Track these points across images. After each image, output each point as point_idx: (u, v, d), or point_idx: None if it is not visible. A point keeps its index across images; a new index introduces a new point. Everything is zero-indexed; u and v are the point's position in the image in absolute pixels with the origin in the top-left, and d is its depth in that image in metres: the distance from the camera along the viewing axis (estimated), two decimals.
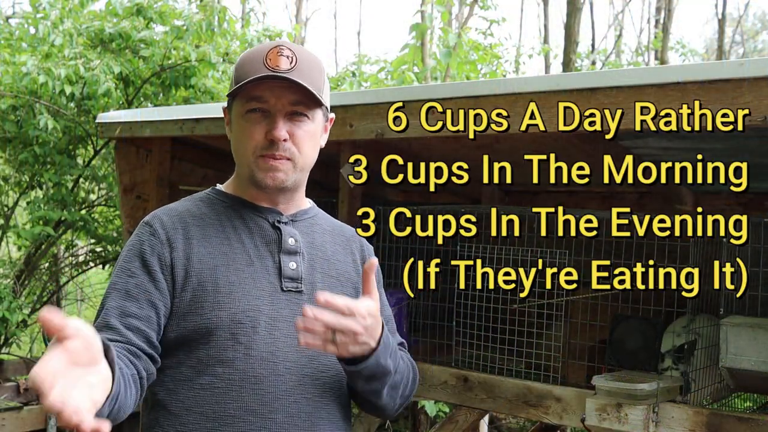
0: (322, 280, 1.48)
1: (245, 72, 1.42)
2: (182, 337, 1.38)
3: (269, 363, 1.37)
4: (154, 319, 1.36)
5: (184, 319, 1.38)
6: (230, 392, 1.36)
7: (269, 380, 1.37)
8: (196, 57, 5.05)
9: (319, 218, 1.58)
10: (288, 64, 1.41)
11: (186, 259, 1.40)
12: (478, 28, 9.47)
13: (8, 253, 6.59)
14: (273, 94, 1.41)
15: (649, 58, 13.66)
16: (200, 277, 1.39)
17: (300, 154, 1.44)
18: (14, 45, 5.60)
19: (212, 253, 1.42)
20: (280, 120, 1.42)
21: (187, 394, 1.37)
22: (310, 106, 1.44)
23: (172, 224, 1.44)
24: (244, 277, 1.41)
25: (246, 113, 1.44)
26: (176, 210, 1.49)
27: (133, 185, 4.05)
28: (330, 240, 1.56)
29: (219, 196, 1.53)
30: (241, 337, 1.37)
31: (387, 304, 1.63)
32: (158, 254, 1.40)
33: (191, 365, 1.38)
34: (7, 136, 5.05)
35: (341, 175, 3.24)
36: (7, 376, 5.00)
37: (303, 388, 1.40)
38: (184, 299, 1.38)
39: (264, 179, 1.43)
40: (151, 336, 1.36)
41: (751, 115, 2.03)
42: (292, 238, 1.47)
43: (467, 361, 2.98)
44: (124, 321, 1.34)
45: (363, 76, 8.36)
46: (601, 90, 2.28)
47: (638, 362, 2.75)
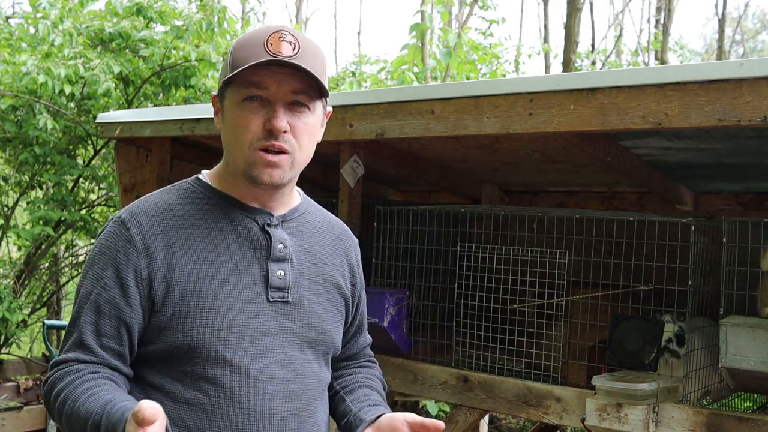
0: (308, 287, 1.42)
1: (244, 56, 1.31)
2: (165, 351, 1.32)
3: (256, 381, 1.33)
4: (126, 336, 1.32)
5: (165, 334, 1.32)
6: (217, 410, 1.31)
7: (256, 399, 1.33)
8: (196, 57, 5.05)
9: (309, 215, 1.50)
10: (291, 50, 1.30)
11: (167, 270, 1.32)
12: (477, 29, 9.48)
13: (8, 253, 6.58)
14: (274, 80, 1.31)
15: (649, 58, 13.66)
16: (182, 290, 1.31)
17: (299, 148, 1.35)
18: (14, 45, 5.60)
19: (196, 262, 1.33)
20: (280, 109, 1.32)
21: (170, 407, 1.30)
22: (313, 97, 1.35)
23: (152, 229, 1.34)
24: (229, 289, 1.34)
25: (243, 101, 1.33)
26: (157, 207, 1.38)
27: (133, 185, 4.05)
28: (319, 240, 1.48)
29: (204, 189, 1.42)
30: (227, 354, 1.32)
31: (364, 302, 1.63)
32: (134, 266, 1.31)
33: (176, 379, 1.33)
34: (7, 136, 5.05)
35: (341, 175, 3.24)
36: (7, 376, 4.99)
37: (289, 405, 1.36)
38: (165, 313, 1.31)
39: (261, 176, 1.33)
40: (124, 353, 1.33)
41: (751, 115, 2.03)
42: (281, 244, 1.39)
43: (467, 361, 2.98)
44: (98, 341, 1.31)
45: (363, 76, 8.36)
46: (601, 90, 2.28)
47: (638, 362, 2.75)
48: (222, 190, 1.42)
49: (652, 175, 3.39)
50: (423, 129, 2.65)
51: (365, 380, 1.57)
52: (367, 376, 1.60)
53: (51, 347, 4.19)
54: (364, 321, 1.63)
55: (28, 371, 5.10)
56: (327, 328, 1.44)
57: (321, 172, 4.12)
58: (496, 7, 9.17)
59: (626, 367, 2.76)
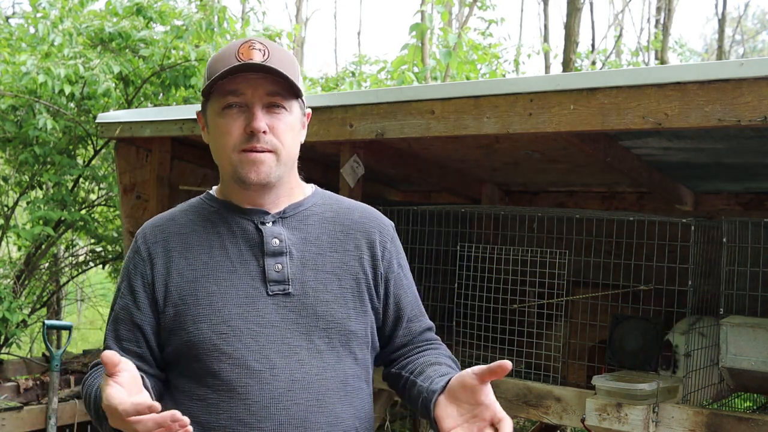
0: (314, 277, 1.43)
1: (217, 69, 1.38)
2: (175, 351, 1.41)
3: (255, 372, 1.36)
4: (142, 339, 1.43)
5: (173, 335, 1.40)
6: (221, 403, 1.36)
7: (255, 389, 1.35)
8: (195, 56, 5.04)
9: (318, 207, 1.51)
10: (261, 56, 1.38)
11: (166, 274, 1.42)
12: (477, 29, 9.48)
13: (8, 253, 6.58)
14: (249, 86, 1.38)
15: (649, 58, 13.66)
16: (180, 291, 1.40)
17: (282, 146, 1.40)
18: (14, 45, 5.59)
19: (192, 264, 1.41)
20: (258, 111, 1.38)
21: (188, 405, 1.38)
22: (287, 97, 1.41)
23: (154, 237, 1.46)
24: (225, 286, 1.39)
25: (222, 110, 1.40)
26: (163, 218, 1.50)
27: (133, 185, 4.05)
28: (329, 229, 1.49)
29: (209, 200, 1.51)
30: (225, 348, 1.36)
31: (413, 285, 1.59)
32: (141, 273, 1.44)
33: (189, 377, 1.40)
34: (7, 136, 5.05)
35: (341, 175, 3.24)
36: (7, 376, 4.98)
37: (293, 394, 1.36)
38: (168, 315, 1.41)
39: (248, 174, 1.39)
40: (144, 354, 1.43)
41: (751, 115, 2.03)
42: (275, 239, 1.43)
43: (467, 361, 2.98)
44: (119, 344, 1.43)
45: (363, 76, 8.36)
46: (601, 90, 2.28)
47: (638, 362, 2.75)
48: (222, 198, 1.50)
49: (652, 175, 3.39)
50: (423, 129, 2.65)
51: (432, 359, 1.51)
52: (434, 354, 1.54)
53: (51, 347, 4.19)
54: (409, 305, 1.56)
55: (28, 371, 5.09)
56: (338, 316, 1.43)
57: (321, 172, 4.12)
58: (494, 7, 9.17)
59: (626, 367, 2.76)
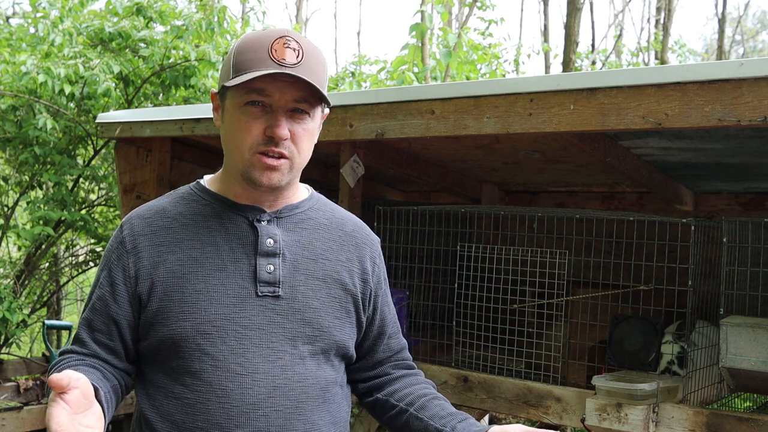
0: (304, 282, 1.41)
1: (248, 60, 1.33)
2: (154, 346, 1.38)
3: (237, 375, 1.33)
4: (116, 332, 1.39)
5: (153, 329, 1.37)
6: (198, 404, 1.33)
7: (236, 393, 1.33)
8: (195, 56, 5.04)
9: (314, 212, 1.49)
10: (294, 57, 1.32)
11: (152, 267, 1.37)
12: (477, 29, 9.48)
13: (8, 253, 6.58)
14: (277, 89, 1.33)
15: (649, 58, 13.66)
16: (166, 286, 1.36)
17: (298, 154, 1.37)
18: (14, 45, 5.59)
19: (181, 259, 1.37)
20: (282, 117, 1.34)
21: (162, 401, 1.36)
22: (313, 104, 1.37)
23: (141, 229, 1.41)
24: (213, 284, 1.36)
25: (245, 105, 1.35)
26: (151, 209, 1.45)
27: (133, 185, 4.05)
28: (323, 236, 1.47)
29: (200, 192, 1.46)
30: (208, 348, 1.33)
31: (391, 304, 1.61)
32: (123, 265, 1.39)
33: (166, 373, 1.37)
34: (7, 136, 5.05)
35: (341, 175, 3.24)
36: (7, 376, 4.99)
37: (273, 401, 1.34)
38: (151, 309, 1.36)
39: (260, 178, 1.36)
40: (116, 348, 1.40)
41: (751, 115, 2.03)
42: (270, 239, 1.40)
43: (467, 361, 2.98)
44: (91, 335, 1.40)
45: (362, 76, 8.36)
46: (601, 90, 2.28)
47: (638, 362, 2.75)
48: (216, 191, 1.46)
49: (652, 175, 3.39)
50: (423, 129, 2.64)
51: (426, 391, 1.55)
52: (422, 384, 1.58)
53: (51, 347, 4.19)
54: (391, 322, 1.58)
55: (28, 371, 5.10)
56: (325, 324, 1.41)
57: (321, 172, 4.12)
58: (494, 7, 9.17)
59: (626, 367, 2.76)
